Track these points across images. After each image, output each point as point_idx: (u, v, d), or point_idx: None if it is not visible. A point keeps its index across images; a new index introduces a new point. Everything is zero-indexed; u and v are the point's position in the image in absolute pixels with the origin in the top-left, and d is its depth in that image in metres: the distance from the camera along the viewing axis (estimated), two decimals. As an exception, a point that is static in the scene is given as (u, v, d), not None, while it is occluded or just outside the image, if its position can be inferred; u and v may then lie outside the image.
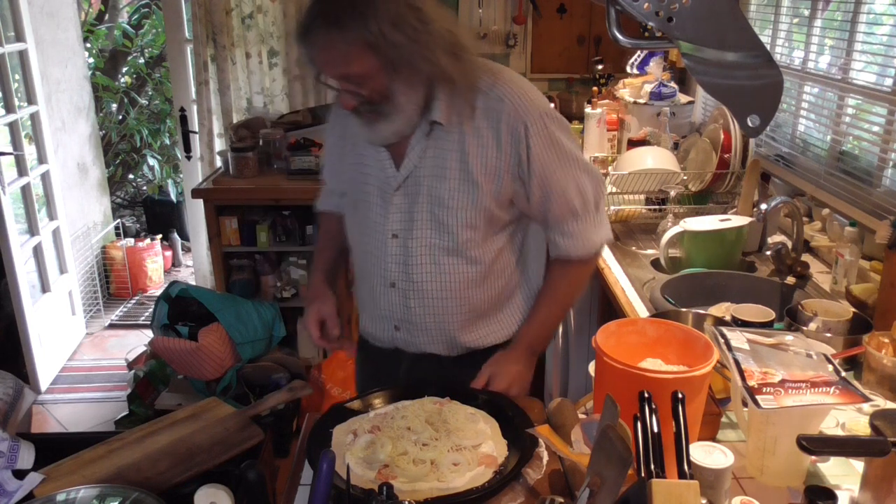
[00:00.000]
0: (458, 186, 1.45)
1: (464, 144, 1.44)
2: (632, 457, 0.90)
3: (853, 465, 1.24)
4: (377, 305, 1.58)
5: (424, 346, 1.58)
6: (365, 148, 1.53)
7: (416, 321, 1.55)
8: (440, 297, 1.53)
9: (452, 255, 1.50)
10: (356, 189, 1.57)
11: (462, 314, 1.55)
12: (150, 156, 5.42)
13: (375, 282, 1.56)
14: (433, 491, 1.15)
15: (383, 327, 1.60)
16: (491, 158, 1.44)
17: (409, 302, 1.54)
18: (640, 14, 0.89)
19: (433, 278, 1.51)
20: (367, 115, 1.41)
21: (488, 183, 1.45)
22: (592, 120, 3.36)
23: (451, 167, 1.45)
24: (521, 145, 1.44)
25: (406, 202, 1.49)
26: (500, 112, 1.43)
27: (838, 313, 1.66)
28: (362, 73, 1.34)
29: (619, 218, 2.54)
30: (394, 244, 1.51)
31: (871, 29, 2.23)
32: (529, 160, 1.45)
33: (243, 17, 3.77)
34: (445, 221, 1.47)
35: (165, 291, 3.26)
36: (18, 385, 1.65)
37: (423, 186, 1.47)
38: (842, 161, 2.37)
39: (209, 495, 1.07)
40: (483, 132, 1.44)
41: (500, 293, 1.58)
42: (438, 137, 1.45)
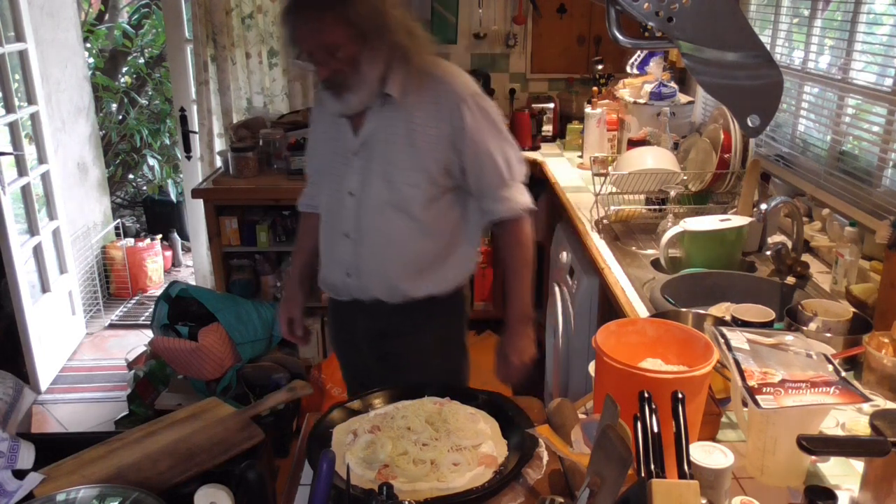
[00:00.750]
0: (405, 150, 1.73)
1: (410, 115, 1.72)
2: (632, 457, 0.90)
3: (853, 465, 1.24)
4: (333, 254, 1.86)
5: (370, 290, 1.82)
6: (328, 127, 1.83)
7: (363, 267, 1.81)
8: (384, 247, 1.78)
9: (397, 210, 1.75)
10: (322, 160, 1.87)
11: (402, 263, 1.80)
12: (150, 156, 5.42)
13: (333, 233, 1.84)
14: (433, 491, 1.15)
15: (337, 274, 1.86)
16: (432, 128, 1.72)
17: (358, 250, 1.80)
18: (640, 14, 0.89)
19: (380, 230, 1.78)
20: (338, 87, 1.67)
21: (429, 149, 1.73)
22: (592, 120, 3.36)
23: (400, 133, 1.73)
24: (455, 119, 1.71)
25: (362, 165, 1.76)
26: (440, 90, 1.72)
27: (838, 313, 1.66)
28: (337, 43, 1.60)
29: (619, 218, 2.54)
30: (350, 201, 1.78)
31: (871, 29, 2.23)
32: (464, 132, 1.72)
33: (243, 17, 3.77)
34: (393, 180, 1.74)
35: (165, 291, 3.26)
36: (18, 385, 1.65)
37: (377, 150, 1.75)
38: (842, 161, 2.37)
39: (209, 495, 1.07)
40: (426, 106, 1.72)
41: (439, 251, 1.83)
42: (390, 109, 1.72)
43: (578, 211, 2.74)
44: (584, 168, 3.32)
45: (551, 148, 3.81)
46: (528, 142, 3.73)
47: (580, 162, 3.43)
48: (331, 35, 1.60)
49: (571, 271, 2.67)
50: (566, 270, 2.71)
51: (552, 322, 2.82)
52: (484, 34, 3.99)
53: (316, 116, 1.94)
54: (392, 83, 1.70)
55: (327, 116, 1.83)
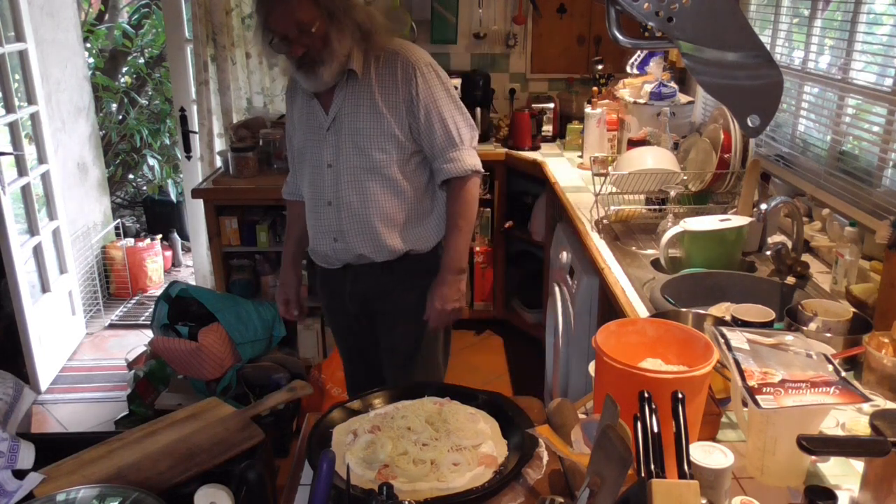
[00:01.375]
0: (370, 119, 1.95)
1: (371, 86, 1.94)
2: (632, 457, 0.90)
3: (853, 465, 1.24)
4: (320, 223, 2.06)
5: (357, 249, 2.03)
6: (303, 109, 2.04)
7: (347, 229, 2.02)
8: (363, 208, 2.00)
9: (370, 173, 1.98)
10: (301, 141, 2.06)
11: (381, 220, 2.01)
12: (150, 156, 5.42)
13: (318, 204, 2.05)
14: (433, 491, 1.16)
15: (325, 242, 2.07)
16: (391, 95, 1.94)
17: (340, 214, 2.01)
18: (640, 14, 0.89)
19: (357, 194, 1.99)
20: (310, 64, 1.87)
21: (391, 114, 1.94)
22: (592, 120, 3.36)
23: (364, 104, 1.95)
24: (410, 84, 1.93)
25: (335, 138, 1.98)
26: (395, 60, 1.94)
27: (838, 313, 1.66)
28: (309, 20, 1.81)
29: (619, 218, 2.54)
30: (329, 172, 2.01)
31: (871, 29, 2.23)
32: (418, 96, 1.94)
33: (243, 17, 3.77)
34: (363, 146, 1.96)
35: (165, 291, 3.26)
36: (18, 385, 1.65)
37: (345, 123, 1.96)
38: (842, 161, 2.37)
39: (209, 495, 1.07)
40: (385, 76, 1.94)
41: (413, 208, 2.04)
42: (354, 84, 1.95)
43: (578, 211, 2.74)
44: (584, 168, 3.32)
45: (551, 148, 3.81)
46: (528, 142, 3.73)
47: (580, 162, 3.43)
48: (303, 13, 1.81)
49: (571, 271, 2.66)
50: (566, 270, 2.71)
51: (552, 322, 2.82)
52: (484, 34, 3.99)
53: (290, 102, 2.13)
54: (355, 60, 1.92)
55: (300, 100, 2.05)
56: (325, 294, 2.25)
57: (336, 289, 2.17)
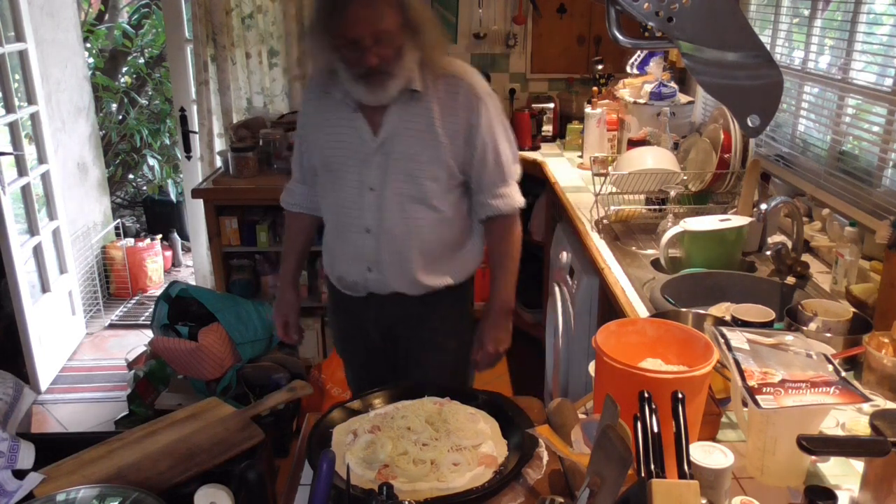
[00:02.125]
0: (427, 144, 1.79)
1: (431, 110, 1.79)
2: (632, 457, 0.90)
3: (853, 465, 1.24)
4: (353, 250, 1.88)
5: (392, 283, 1.88)
6: (339, 122, 1.85)
7: (386, 260, 1.85)
8: (406, 239, 1.84)
9: (418, 203, 1.82)
10: (333, 156, 1.86)
11: (423, 254, 1.86)
12: (150, 156, 5.42)
13: (350, 229, 1.87)
14: (433, 491, 1.15)
15: (358, 269, 1.89)
16: (451, 122, 1.80)
17: (380, 244, 1.84)
18: (640, 14, 0.89)
19: (401, 223, 1.83)
20: (379, 75, 1.70)
21: (449, 141, 1.80)
22: (592, 120, 3.36)
23: (422, 129, 1.79)
24: (472, 113, 1.80)
25: (382, 160, 1.81)
26: (458, 85, 1.81)
27: (838, 313, 1.66)
28: (390, 30, 1.66)
29: (619, 218, 2.54)
30: (371, 197, 1.82)
31: (871, 29, 2.23)
32: (479, 126, 1.81)
33: (243, 17, 3.77)
34: (415, 174, 1.80)
35: (165, 291, 3.26)
36: (18, 385, 1.65)
37: (398, 146, 1.80)
38: (842, 161, 2.37)
39: (209, 495, 1.07)
40: (445, 101, 1.80)
41: (454, 240, 1.92)
42: (413, 105, 1.78)
43: (578, 211, 2.73)
44: (584, 168, 3.32)
45: (551, 148, 3.81)
46: (528, 142, 3.73)
47: (580, 162, 3.43)
48: (387, 21, 1.66)
49: (571, 271, 2.66)
50: (566, 270, 2.71)
51: (552, 322, 2.82)
52: (484, 34, 3.99)
53: (312, 108, 1.92)
54: (416, 78, 1.76)
55: (335, 111, 1.84)
56: (343, 319, 2.08)
57: (357, 315, 1.99)
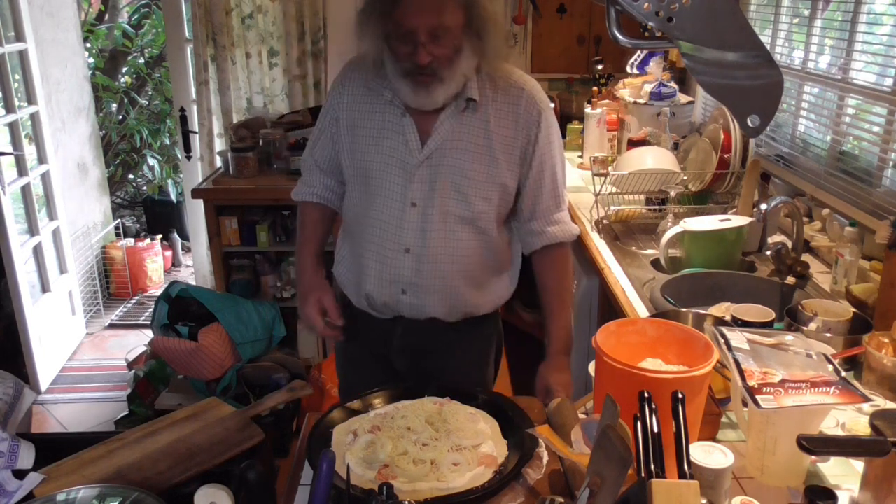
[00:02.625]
0: (480, 160, 1.60)
1: (488, 122, 1.60)
2: (632, 457, 0.90)
3: (853, 465, 1.24)
4: (388, 270, 1.66)
5: (429, 309, 1.67)
6: (383, 125, 1.64)
7: (425, 284, 1.65)
8: (450, 262, 1.64)
9: (466, 223, 1.63)
10: (372, 164, 1.65)
11: (465, 279, 1.67)
12: (150, 156, 5.42)
13: (389, 248, 1.65)
14: (433, 491, 1.15)
15: (391, 291, 1.67)
16: (509, 137, 1.61)
17: (421, 266, 1.63)
18: (640, 14, 0.89)
19: (446, 244, 1.63)
20: (428, 77, 1.52)
21: (506, 160, 1.62)
22: (592, 120, 3.36)
23: (477, 143, 1.60)
24: (531, 129, 1.62)
25: (429, 173, 1.61)
26: (520, 97, 1.62)
27: (838, 313, 1.66)
28: (450, 26, 1.48)
29: (619, 218, 2.54)
30: (412, 212, 1.62)
31: (871, 29, 2.23)
32: (537, 144, 1.63)
33: (243, 17, 3.77)
34: (465, 192, 1.61)
35: (165, 291, 3.26)
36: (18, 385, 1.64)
37: (448, 159, 1.60)
38: (842, 161, 2.37)
39: (209, 495, 1.07)
40: (504, 113, 1.61)
41: (496, 265, 1.73)
42: (468, 115, 1.60)
43: (578, 211, 2.73)
44: (584, 168, 3.32)
45: (551, 148, 3.80)
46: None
47: (580, 162, 3.43)
48: (450, 15, 1.48)
49: (571, 271, 2.66)
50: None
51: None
52: (484, 34, 3.98)
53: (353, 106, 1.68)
54: (474, 86, 1.58)
55: (380, 111, 1.64)
56: (362, 342, 1.81)
57: (378, 339, 1.76)
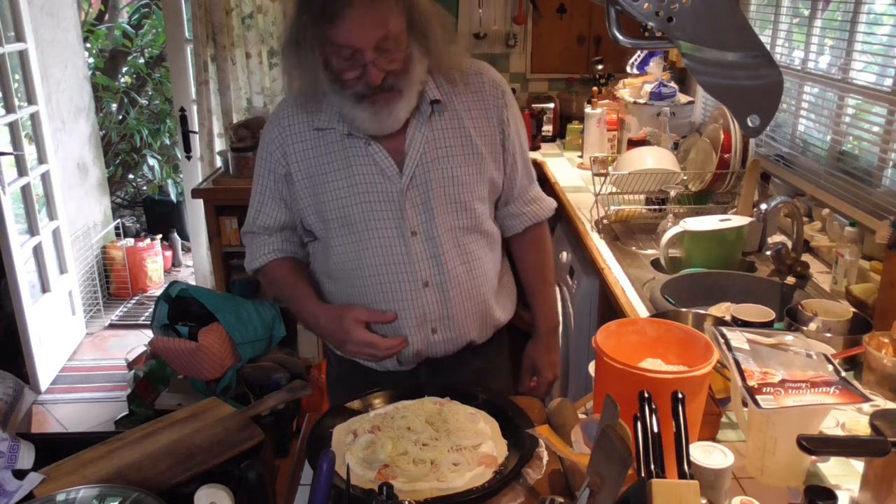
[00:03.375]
0: (467, 161, 1.49)
1: (461, 120, 1.49)
2: (632, 457, 0.90)
3: (853, 465, 1.24)
4: (410, 314, 1.49)
5: (462, 336, 1.54)
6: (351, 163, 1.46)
7: (456, 314, 1.52)
8: (471, 280, 1.53)
9: (472, 232, 1.52)
10: (351, 208, 1.47)
11: (490, 290, 1.57)
12: (150, 156, 5.42)
13: (404, 288, 1.48)
14: (433, 491, 1.15)
15: (419, 338, 1.50)
16: (486, 128, 1.52)
17: (446, 295, 1.50)
18: (640, 14, 0.89)
19: (463, 261, 1.51)
20: (385, 95, 1.37)
21: (489, 152, 1.52)
22: (592, 120, 3.36)
23: (457, 144, 1.48)
24: (501, 112, 1.54)
25: (419, 194, 1.47)
26: (482, 83, 1.53)
27: (838, 313, 1.66)
28: (397, 34, 1.34)
29: (619, 218, 2.54)
30: (415, 242, 1.47)
31: (871, 29, 2.23)
32: (509, 126, 1.55)
33: (243, 17, 3.77)
34: (462, 200, 1.49)
35: (165, 291, 3.26)
36: (18, 385, 1.65)
37: (433, 171, 1.46)
38: (842, 161, 2.37)
39: (209, 495, 1.07)
40: (471, 105, 1.51)
41: (500, 265, 1.64)
42: (437, 119, 1.48)
43: (578, 211, 2.73)
44: (584, 168, 3.32)
45: (551, 148, 3.81)
46: (528, 142, 3.72)
47: (580, 162, 3.43)
48: (392, 24, 1.33)
49: (571, 271, 2.66)
50: (566, 270, 2.71)
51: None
52: (484, 34, 3.98)
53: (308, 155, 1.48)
54: (431, 86, 1.46)
55: (341, 150, 1.46)
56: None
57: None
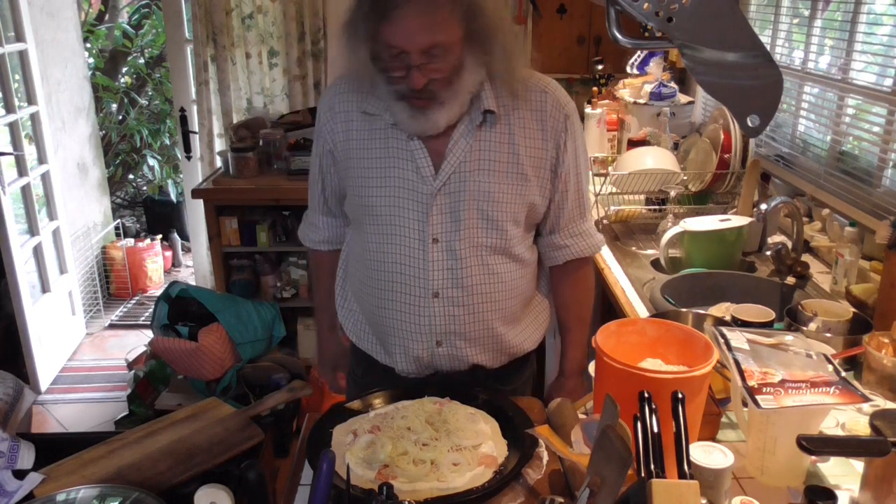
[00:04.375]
0: (507, 179, 1.41)
1: (513, 136, 1.41)
2: (632, 457, 0.90)
3: (853, 465, 1.24)
4: (416, 321, 1.46)
5: (470, 357, 1.49)
6: (388, 153, 1.43)
7: (463, 331, 1.46)
8: (489, 301, 1.45)
9: (499, 253, 1.45)
10: (380, 198, 1.44)
11: (506, 319, 1.49)
12: (150, 156, 5.42)
13: (413, 295, 1.44)
14: (433, 491, 1.15)
15: (422, 346, 1.47)
16: (537, 149, 1.43)
17: (455, 311, 1.44)
18: (640, 14, 0.89)
19: (482, 280, 1.44)
20: (424, 100, 1.33)
21: (535, 175, 1.43)
22: (592, 120, 3.36)
23: (501, 160, 1.41)
24: (560, 137, 1.44)
25: (449, 202, 1.41)
26: (544, 102, 1.43)
27: (838, 313, 1.66)
28: (449, 43, 1.28)
29: (619, 218, 2.54)
30: (435, 249, 1.41)
31: (871, 29, 2.23)
32: (566, 153, 1.45)
33: (243, 18, 3.77)
34: (494, 218, 1.41)
35: (165, 291, 3.26)
36: (18, 385, 1.65)
37: (469, 182, 1.40)
38: (842, 161, 2.37)
39: (209, 495, 1.07)
40: (528, 122, 1.42)
41: (532, 293, 1.57)
42: (487, 129, 1.41)
43: (578, 211, 2.73)
44: (584, 168, 3.32)
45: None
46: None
47: (580, 162, 3.43)
48: (446, 32, 1.27)
49: (571, 271, 2.66)
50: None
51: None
52: (484, 34, 3.98)
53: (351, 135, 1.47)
54: (489, 95, 1.39)
55: (382, 138, 1.43)
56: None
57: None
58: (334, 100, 1.49)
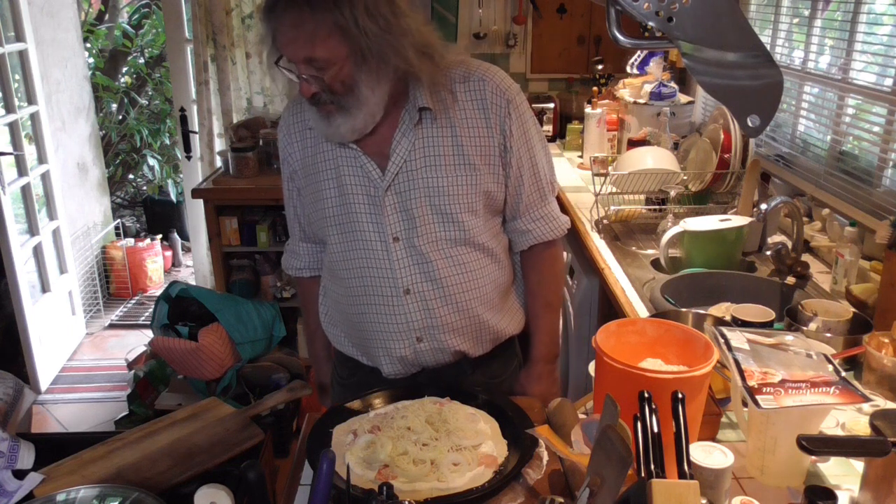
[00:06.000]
0: (455, 172, 1.43)
1: (455, 128, 1.42)
2: (632, 457, 0.90)
3: (853, 465, 1.24)
4: (392, 319, 1.48)
5: (452, 346, 1.50)
6: (336, 162, 1.46)
7: (440, 324, 1.48)
8: (462, 291, 1.47)
9: (462, 245, 1.46)
10: (339, 206, 1.47)
11: (483, 305, 1.51)
12: (150, 156, 5.42)
13: (385, 294, 1.47)
14: (433, 491, 1.15)
15: (402, 343, 1.49)
16: (482, 138, 1.44)
17: (429, 304, 1.46)
18: (640, 14, 0.89)
19: (451, 272, 1.46)
20: (326, 106, 1.36)
21: (484, 163, 1.45)
22: (592, 120, 3.36)
23: (446, 153, 1.42)
24: (505, 121, 1.44)
25: (400, 200, 1.43)
26: (483, 91, 1.44)
27: (838, 313, 1.66)
28: (328, 58, 1.29)
29: (619, 218, 2.54)
30: (397, 248, 1.44)
31: (871, 29, 2.23)
32: (512, 136, 1.46)
33: (243, 17, 3.77)
34: (448, 211, 1.43)
35: (165, 291, 3.26)
36: (18, 385, 1.65)
37: (418, 179, 1.42)
38: (842, 161, 2.37)
39: (209, 495, 1.07)
40: (470, 112, 1.43)
41: (508, 278, 1.57)
42: (428, 126, 1.42)
43: (578, 211, 2.73)
44: (584, 168, 3.32)
45: (551, 148, 3.79)
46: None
47: (580, 162, 3.43)
48: (323, 49, 1.28)
49: (571, 271, 2.66)
50: (566, 270, 2.71)
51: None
52: (484, 34, 3.98)
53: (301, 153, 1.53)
54: (422, 93, 1.39)
55: (327, 148, 1.47)
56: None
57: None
58: (288, 121, 1.55)
